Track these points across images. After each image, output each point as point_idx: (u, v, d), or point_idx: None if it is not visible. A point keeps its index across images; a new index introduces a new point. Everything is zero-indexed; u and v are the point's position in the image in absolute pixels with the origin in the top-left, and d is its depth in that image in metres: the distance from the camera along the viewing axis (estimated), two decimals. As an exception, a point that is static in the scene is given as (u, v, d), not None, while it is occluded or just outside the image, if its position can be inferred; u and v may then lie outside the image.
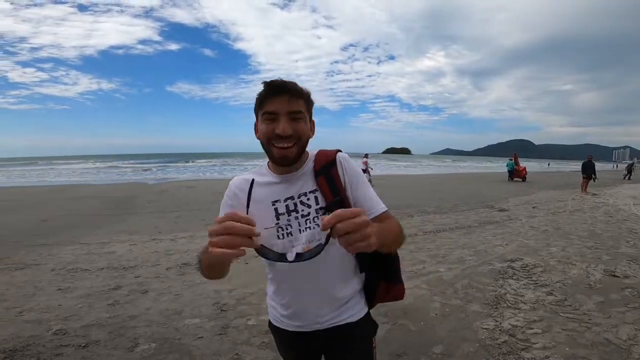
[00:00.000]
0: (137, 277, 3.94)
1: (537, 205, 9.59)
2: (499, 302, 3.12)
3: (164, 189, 14.85)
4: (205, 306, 3.17)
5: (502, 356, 2.30)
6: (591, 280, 3.63)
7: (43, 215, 8.34)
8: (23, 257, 4.83)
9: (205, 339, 2.60)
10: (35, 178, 23.80)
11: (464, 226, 6.66)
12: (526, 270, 3.96)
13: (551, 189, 14.85)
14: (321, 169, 1.04)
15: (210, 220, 7.63)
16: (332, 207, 0.90)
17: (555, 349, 2.37)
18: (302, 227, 1.01)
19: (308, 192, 1.03)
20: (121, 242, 5.67)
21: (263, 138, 0.98)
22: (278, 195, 1.03)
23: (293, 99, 0.95)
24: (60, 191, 14.31)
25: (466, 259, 4.48)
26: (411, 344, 2.48)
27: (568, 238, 5.55)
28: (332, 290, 1.06)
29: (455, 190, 14.35)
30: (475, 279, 3.74)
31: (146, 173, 28.46)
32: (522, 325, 2.70)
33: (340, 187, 1.02)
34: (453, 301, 3.19)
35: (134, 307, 3.15)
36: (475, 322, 2.79)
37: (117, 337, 2.63)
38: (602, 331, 2.59)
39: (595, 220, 7.12)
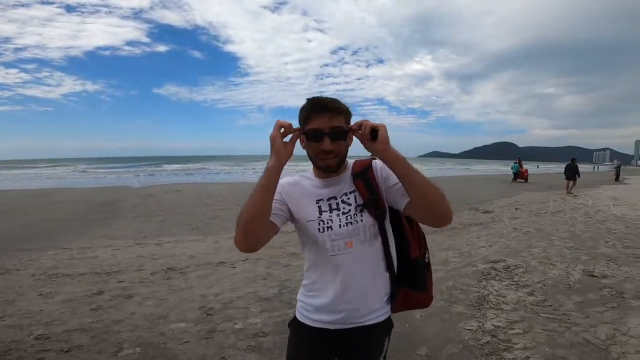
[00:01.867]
0: (120, 282, 3.88)
1: (520, 206, 9.81)
2: (482, 303, 3.19)
3: (150, 192, 14.61)
4: (191, 310, 3.14)
5: (484, 357, 2.35)
6: (570, 280, 3.73)
7: (23, 220, 8.12)
8: (4, 262, 4.70)
9: (191, 343, 2.59)
10: (16, 182, 23.12)
11: (448, 228, 6.76)
12: (508, 271, 4.05)
13: (535, 191, 15.19)
14: (358, 173, 1.18)
15: (197, 224, 7.58)
16: (368, 205, 1.13)
17: (536, 349, 2.43)
18: (342, 222, 1.13)
19: (349, 193, 1.16)
20: (104, 246, 5.57)
21: (309, 152, 1.12)
22: (321, 195, 1.18)
23: (335, 117, 1.06)
24: (42, 195, 13.94)
25: (451, 260, 4.55)
26: (396, 346, 2.51)
27: (549, 239, 5.70)
28: (365, 292, 1.15)
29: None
30: (459, 280, 3.81)
31: (131, 176, 27.98)
32: (504, 325, 2.76)
33: (375, 187, 1.15)
34: (438, 303, 3.24)
35: (118, 312, 3.11)
36: (459, 323, 2.84)
37: (100, 342, 2.59)
38: (580, 331, 2.66)
39: (576, 221, 7.32)
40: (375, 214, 1.13)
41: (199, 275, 4.12)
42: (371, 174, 1.16)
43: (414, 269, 1.22)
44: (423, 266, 1.25)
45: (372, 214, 1.13)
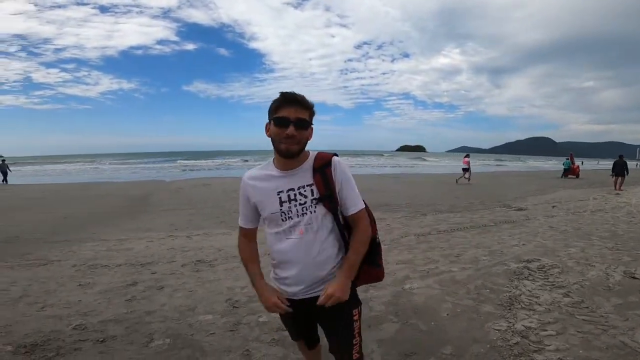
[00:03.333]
0: (153, 274, 4.04)
1: (556, 204, 9.35)
2: (512, 303, 3.07)
3: (180, 186, 15.13)
4: (218, 303, 3.22)
5: (513, 358, 2.26)
6: (610, 282, 3.52)
7: (65, 212, 8.62)
8: (46, 253, 5.01)
9: (217, 335, 2.65)
10: (58, 176, 24.61)
11: (479, 225, 6.56)
12: (543, 271, 3.87)
13: (571, 188, 14.44)
14: (318, 168, 1.34)
15: (224, 217, 7.76)
16: (323, 199, 1.32)
17: (569, 352, 2.31)
18: (299, 212, 1.33)
19: (306, 185, 1.34)
20: (139, 239, 5.82)
21: (275, 137, 1.29)
22: (282, 186, 1.34)
23: (301, 109, 1.27)
24: (81, 189, 14.77)
25: (480, 258, 4.41)
26: (421, 343, 2.47)
27: (588, 239, 5.39)
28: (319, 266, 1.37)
29: (471, 188, 14.11)
30: (489, 279, 3.69)
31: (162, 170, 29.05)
32: (535, 326, 2.64)
33: (331, 184, 1.33)
34: (465, 301, 3.15)
35: (150, 303, 3.24)
36: (487, 322, 2.75)
37: (133, 333, 2.70)
38: (618, 334, 2.52)
39: (618, 221, 6.89)
40: (329, 207, 1.34)
41: (226, 268, 4.22)
42: (329, 172, 1.34)
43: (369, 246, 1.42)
44: (375, 245, 1.46)
45: (327, 207, 1.33)
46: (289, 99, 1.26)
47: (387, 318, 2.87)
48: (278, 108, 1.27)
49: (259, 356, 2.36)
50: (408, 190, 13.21)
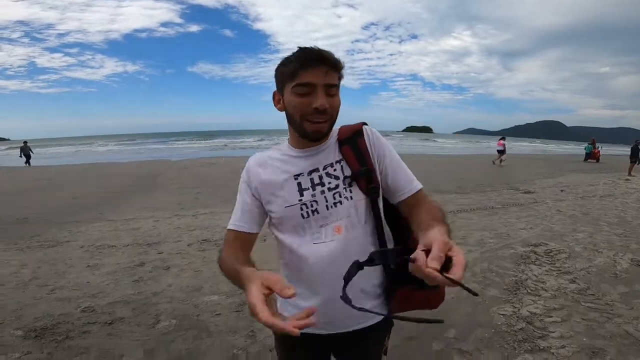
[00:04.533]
0: (160, 254, 4.08)
1: (565, 188, 9.23)
2: (518, 288, 3.06)
3: (185, 166, 15.19)
4: (223, 283, 3.21)
5: (517, 343, 2.26)
6: (617, 269, 3.49)
7: (74, 192, 8.71)
8: (55, 234, 5.08)
9: (222, 315, 2.69)
10: (66, 157, 24.82)
11: (486, 207, 6.52)
12: (550, 256, 3.84)
13: (581, 172, 14.22)
14: (346, 140, 0.97)
15: (230, 197, 7.77)
16: (359, 177, 0.92)
17: (573, 339, 2.31)
18: (329, 202, 0.91)
19: (334, 162, 0.94)
20: (145, 218, 5.88)
21: (296, 112, 0.87)
22: (301, 168, 0.94)
23: (331, 72, 0.86)
24: (89, 169, 14.89)
25: (487, 241, 4.39)
26: (424, 327, 2.47)
27: (596, 224, 5.33)
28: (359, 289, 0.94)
29: (478, 170, 13.97)
30: (495, 262, 3.67)
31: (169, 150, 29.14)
32: (541, 312, 2.64)
33: (367, 158, 0.94)
34: (471, 284, 3.13)
35: (157, 284, 3.28)
36: (492, 307, 2.75)
37: (140, 314, 2.74)
38: (623, 323, 2.50)
39: (627, 207, 6.78)
40: (366, 189, 0.93)
41: (234, 247, 4.24)
42: (362, 143, 0.96)
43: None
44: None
45: (363, 189, 0.93)
46: (315, 57, 0.84)
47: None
48: (298, 70, 0.84)
49: (264, 337, 2.38)
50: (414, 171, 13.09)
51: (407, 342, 2.31)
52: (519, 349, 2.21)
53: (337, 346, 1.05)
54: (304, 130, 0.89)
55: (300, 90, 0.85)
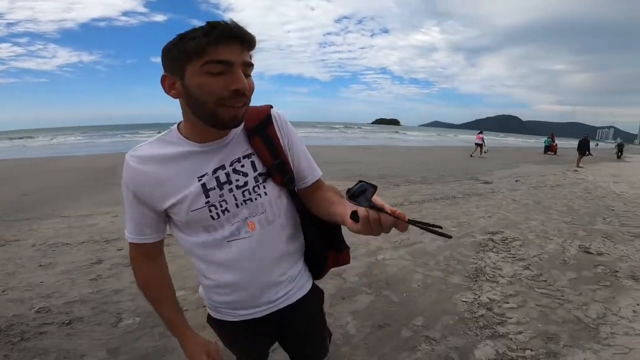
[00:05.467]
0: (120, 250, 3.89)
1: (520, 179, 9.78)
2: (478, 275, 3.21)
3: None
4: (189, 278, 3.15)
5: (479, 330, 2.37)
6: (566, 255, 3.74)
7: (23, 189, 8.08)
8: (3, 233, 4.70)
9: (190, 311, 2.61)
10: (14, 152, 22.95)
11: (448, 197, 6.77)
12: (506, 244, 4.06)
13: (534, 164, 15.14)
14: (255, 128, 0.87)
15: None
16: (272, 172, 0.87)
17: (529, 325, 2.44)
18: (239, 200, 0.85)
19: (242, 158, 0.86)
20: (103, 214, 5.57)
21: (209, 96, 0.72)
22: (204, 167, 0.83)
23: (247, 49, 0.75)
24: (41, 164, 13.85)
25: (449, 230, 4.57)
26: (393, 315, 2.55)
27: (547, 212, 5.70)
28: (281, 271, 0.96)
29: (442, 161, 14.48)
30: (457, 250, 3.83)
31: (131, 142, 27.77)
32: (499, 299, 2.79)
33: (279, 148, 0.88)
34: (435, 273, 3.27)
35: (118, 282, 3.13)
36: (455, 294, 2.87)
37: (100, 313, 2.62)
38: (573, 308, 2.67)
39: (574, 196, 7.30)
40: (281, 182, 0.89)
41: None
42: (272, 131, 0.88)
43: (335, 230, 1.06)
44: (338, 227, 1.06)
45: (278, 182, 0.89)
46: (232, 32, 0.70)
47: (361, 290, 2.93)
48: (210, 45, 0.69)
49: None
50: (382, 162, 13.34)
51: (376, 331, 2.37)
52: (480, 335, 2.32)
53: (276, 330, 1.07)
54: (217, 118, 0.75)
55: (214, 68, 0.70)
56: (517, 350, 2.16)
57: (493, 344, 2.22)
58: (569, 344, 2.23)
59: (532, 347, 2.19)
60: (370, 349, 2.18)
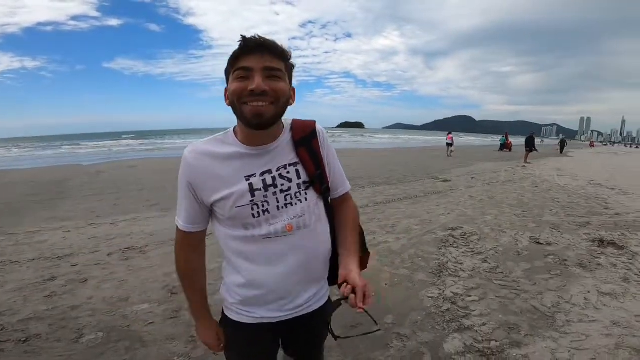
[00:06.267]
0: (74, 266, 3.67)
1: (475, 176, 10.33)
2: (441, 271, 3.36)
3: (101, 170, 13.69)
4: (154, 290, 3.06)
5: (446, 324, 2.48)
6: (519, 247, 4.00)
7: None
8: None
9: (156, 324, 2.53)
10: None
11: (411, 196, 7.03)
12: (465, 238, 4.28)
13: (487, 161, 16.03)
14: (302, 140, 0.98)
15: (156, 200, 7.25)
16: (314, 181, 0.97)
17: (491, 316, 2.57)
18: (280, 203, 0.93)
19: (288, 165, 0.95)
20: (53, 229, 5.20)
21: (234, 96, 0.85)
22: (253, 168, 0.92)
23: (271, 56, 0.86)
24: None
25: (412, 228, 4.74)
26: (364, 314, 2.60)
27: (500, 207, 6.07)
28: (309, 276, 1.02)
29: (404, 162, 14.96)
30: (420, 248, 3.98)
31: (80, 153, 26.05)
32: (462, 293, 2.93)
33: (321, 161, 0.99)
34: (401, 271, 3.38)
35: (74, 297, 2.96)
36: (421, 291, 2.99)
37: (59, 329, 2.48)
38: (529, 298, 2.84)
39: (524, 190, 7.84)
40: (320, 191, 0.99)
41: (161, 253, 3.99)
42: (315, 144, 0.99)
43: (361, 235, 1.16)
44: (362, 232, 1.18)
45: (317, 191, 0.98)
46: (253, 44, 0.84)
47: (331, 291, 2.96)
48: (238, 58, 0.85)
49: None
50: (348, 165, 13.53)
51: (349, 330, 2.41)
52: (448, 329, 2.42)
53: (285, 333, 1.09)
54: (244, 115, 0.86)
55: (239, 74, 0.85)
56: (483, 342, 2.27)
57: (460, 337, 2.33)
58: (529, 333, 2.36)
59: (496, 337, 2.32)
60: (344, 350, 2.21)
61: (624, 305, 2.69)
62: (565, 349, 2.18)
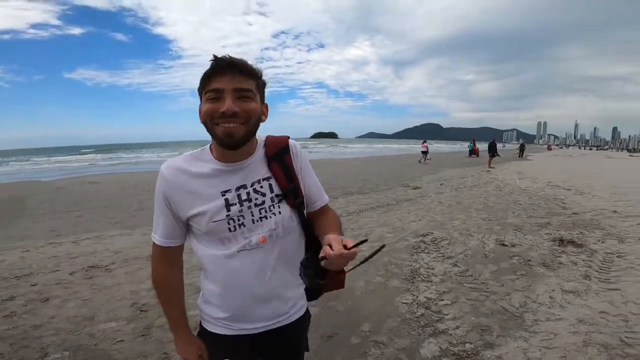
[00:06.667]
0: (34, 286, 3.48)
1: (444, 182, 10.67)
2: (414, 276, 3.42)
3: (61, 186, 12.96)
4: (122, 308, 2.96)
5: (421, 329, 2.53)
6: (486, 250, 4.14)
7: None
8: None
9: (126, 342, 2.44)
10: None
11: (383, 205, 7.14)
12: (435, 244, 4.39)
13: (454, 167, 16.61)
14: (274, 155, 1.01)
15: (120, 217, 6.97)
16: (287, 195, 1.00)
17: (464, 319, 2.64)
18: (255, 217, 0.97)
19: (262, 180, 0.99)
20: (10, 249, 4.87)
21: (206, 118, 0.90)
22: (228, 184, 0.96)
23: (241, 77, 0.89)
24: None
25: (385, 236, 4.81)
26: (341, 324, 2.61)
27: (467, 211, 6.28)
28: (285, 286, 1.04)
29: (376, 171, 15.21)
30: (394, 255, 4.04)
31: (38, 169, 24.58)
32: (435, 297, 2.99)
33: (293, 174, 1.02)
34: (376, 279, 3.42)
35: (35, 317, 2.83)
36: (396, 297, 3.03)
37: (21, 349, 2.37)
38: (498, 299, 2.93)
39: (488, 194, 8.17)
40: (294, 204, 1.02)
41: (128, 271, 3.84)
42: (288, 159, 1.03)
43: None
44: None
45: (291, 204, 1.01)
46: (224, 63, 0.87)
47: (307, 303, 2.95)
48: (209, 78, 0.88)
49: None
50: (321, 175, 13.54)
51: (326, 341, 2.41)
52: (423, 334, 2.47)
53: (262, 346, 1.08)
54: (217, 136, 0.90)
55: (210, 96, 0.88)
56: (458, 345, 2.33)
57: (436, 341, 2.38)
58: (501, 334, 2.44)
59: (470, 340, 2.38)
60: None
61: (587, 302, 2.83)
62: (536, 348, 2.25)
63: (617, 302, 2.80)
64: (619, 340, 2.28)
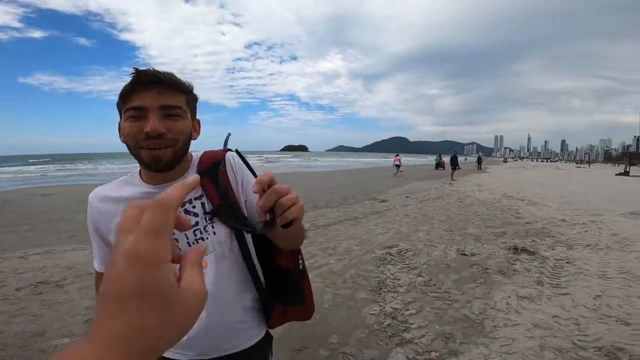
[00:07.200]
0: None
1: (409, 195, 10.96)
2: (381, 288, 3.48)
3: (7, 199, 12.02)
4: (75, 324, 2.82)
5: (388, 339, 2.57)
6: (448, 259, 4.30)
7: None
8: None
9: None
10: None
11: (351, 218, 7.20)
12: (401, 255, 4.49)
13: (419, 180, 17.14)
14: (205, 171, 0.90)
15: (75, 231, 6.56)
16: (220, 213, 0.90)
17: (428, 328, 2.71)
18: (190, 239, 0.88)
19: (193, 199, 0.88)
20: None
21: (129, 140, 0.80)
22: None
23: (168, 92, 0.79)
24: None
25: (353, 249, 4.86)
26: (310, 337, 2.60)
27: (431, 223, 6.49)
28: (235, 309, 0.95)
29: (345, 185, 15.34)
30: (361, 267, 4.09)
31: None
32: (400, 307, 3.05)
33: (229, 189, 0.90)
34: (343, 291, 3.44)
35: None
36: (364, 308, 3.06)
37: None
38: (460, 307, 3.04)
39: (450, 206, 8.49)
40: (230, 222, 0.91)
41: (81, 287, 3.63)
42: (223, 173, 0.91)
43: (285, 281, 1.00)
44: (296, 277, 1.01)
45: (224, 223, 0.91)
46: (147, 79, 0.77)
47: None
48: (129, 94, 0.78)
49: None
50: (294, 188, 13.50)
51: (296, 355, 2.39)
52: (390, 344, 2.51)
53: None
54: (141, 160, 0.81)
55: (131, 114, 0.78)
56: (424, 354, 2.38)
57: (403, 351, 2.42)
58: (464, 341, 2.52)
59: (435, 348, 2.44)
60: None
61: (541, 307, 3.00)
62: (496, 354, 2.35)
63: (568, 306, 2.98)
64: (573, 344, 2.42)
